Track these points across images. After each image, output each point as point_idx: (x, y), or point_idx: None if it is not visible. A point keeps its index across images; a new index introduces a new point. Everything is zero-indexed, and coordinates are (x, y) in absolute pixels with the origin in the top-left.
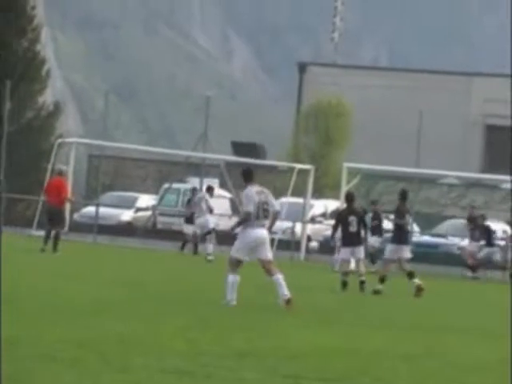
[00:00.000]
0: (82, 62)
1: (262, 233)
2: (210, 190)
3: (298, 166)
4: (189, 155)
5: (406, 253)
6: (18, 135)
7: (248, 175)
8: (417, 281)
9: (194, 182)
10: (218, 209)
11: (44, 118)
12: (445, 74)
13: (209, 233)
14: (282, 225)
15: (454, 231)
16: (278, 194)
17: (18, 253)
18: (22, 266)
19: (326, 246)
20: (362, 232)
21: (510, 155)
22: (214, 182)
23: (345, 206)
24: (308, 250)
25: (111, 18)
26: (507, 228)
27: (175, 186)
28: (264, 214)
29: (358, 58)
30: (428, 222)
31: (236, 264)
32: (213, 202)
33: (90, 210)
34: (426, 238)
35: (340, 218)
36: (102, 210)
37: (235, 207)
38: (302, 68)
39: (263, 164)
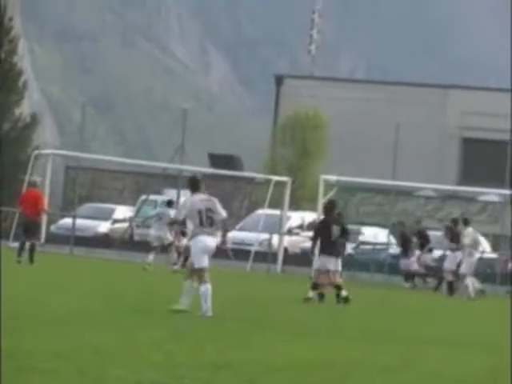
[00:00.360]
0: (59, 74)
1: (211, 240)
2: (170, 203)
3: (275, 177)
4: (166, 167)
5: (335, 264)
6: None
7: (194, 184)
8: (344, 292)
9: (171, 193)
10: None
11: (21, 129)
12: (421, 87)
13: (169, 245)
14: (258, 236)
15: (431, 243)
16: (255, 205)
17: None
18: None
19: (304, 258)
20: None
21: (486, 168)
22: None
23: (323, 215)
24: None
25: (89, 30)
26: (483, 240)
27: (152, 197)
28: (208, 221)
29: (335, 70)
30: None
31: (202, 273)
32: None
33: (67, 221)
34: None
35: (322, 227)
36: (79, 221)
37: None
38: (279, 80)
39: (240, 176)
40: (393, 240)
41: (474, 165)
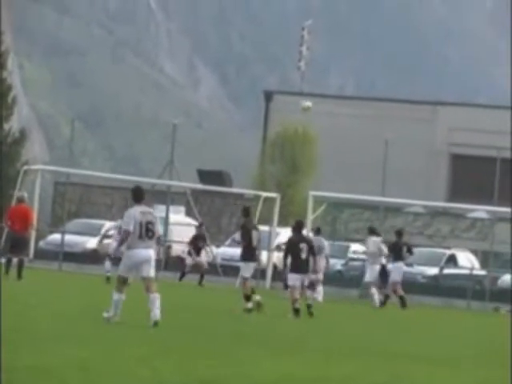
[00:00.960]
0: (48, 89)
1: (147, 253)
2: None
3: (264, 194)
4: (155, 183)
5: (252, 270)
6: None
7: (137, 195)
8: (256, 296)
9: (160, 209)
10: (185, 237)
11: (10, 144)
12: (410, 103)
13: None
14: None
15: (419, 260)
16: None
17: None
18: None
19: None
20: (312, 260)
21: (474, 184)
22: (180, 210)
23: (292, 234)
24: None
25: (78, 45)
26: (472, 256)
27: None
28: (147, 233)
29: (325, 86)
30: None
31: (122, 283)
32: (179, 229)
33: (56, 237)
34: (391, 267)
35: (291, 245)
36: (68, 237)
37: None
38: (269, 96)
39: (229, 192)
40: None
41: (462, 181)
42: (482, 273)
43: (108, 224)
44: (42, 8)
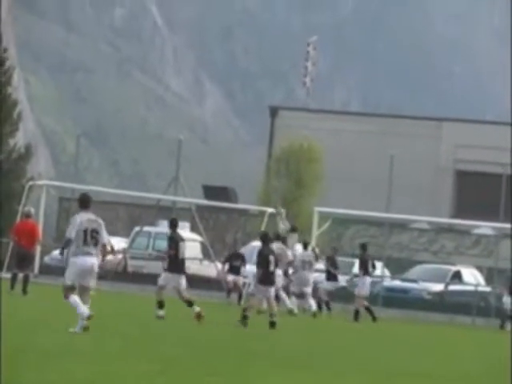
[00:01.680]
0: (54, 105)
1: (91, 260)
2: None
3: (269, 209)
4: (160, 198)
5: (182, 281)
6: None
7: (83, 202)
8: (196, 308)
9: (164, 225)
10: (189, 252)
11: (15, 160)
12: (415, 119)
13: None
14: (253, 269)
15: (424, 276)
16: (249, 237)
17: None
18: None
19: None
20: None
21: (480, 201)
22: (185, 226)
23: (261, 246)
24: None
25: (84, 61)
26: (477, 273)
27: (146, 229)
28: (93, 241)
29: (330, 102)
30: (399, 267)
31: (70, 290)
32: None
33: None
34: (397, 283)
35: (262, 257)
36: None
37: (206, 251)
38: (274, 112)
39: (234, 208)
40: (387, 272)
41: (467, 198)
42: (487, 289)
43: (113, 240)
44: (49, 24)
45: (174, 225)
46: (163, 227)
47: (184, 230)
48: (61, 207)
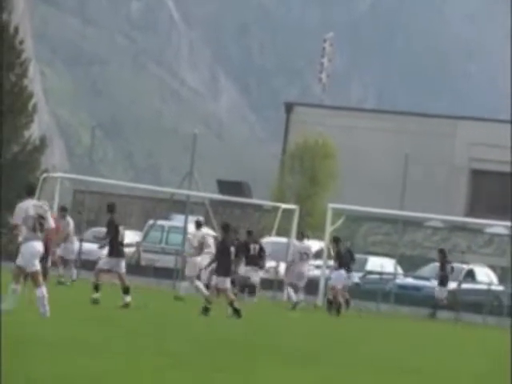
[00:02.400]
0: (69, 97)
1: (39, 245)
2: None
3: (283, 205)
4: (174, 192)
5: (122, 265)
6: (3, 169)
7: (30, 189)
8: (128, 298)
9: (178, 219)
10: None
11: (30, 152)
12: (431, 117)
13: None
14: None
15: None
16: (263, 233)
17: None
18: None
19: (309, 286)
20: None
21: (494, 199)
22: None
23: (222, 237)
24: None
25: (100, 54)
26: (490, 272)
27: (159, 222)
28: (40, 227)
29: (345, 99)
30: (411, 265)
31: (19, 274)
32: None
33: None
34: (409, 281)
35: (222, 248)
36: (86, 245)
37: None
38: (289, 108)
39: (248, 203)
40: (399, 270)
41: (481, 196)
42: (500, 288)
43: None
44: (65, 16)
45: (112, 209)
46: (177, 221)
47: None
48: (75, 200)
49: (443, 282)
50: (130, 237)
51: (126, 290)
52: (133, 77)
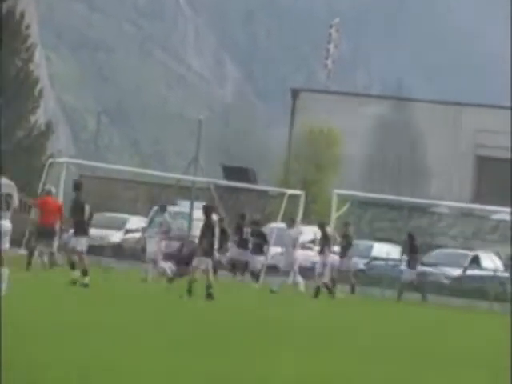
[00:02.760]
0: (74, 83)
1: (6, 224)
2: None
3: (289, 191)
4: (179, 178)
5: (82, 244)
6: (9, 154)
7: None
8: (76, 273)
9: (184, 205)
10: None
11: (35, 137)
12: (436, 104)
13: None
14: (271, 250)
15: (442, 261)
16: (269, 219)
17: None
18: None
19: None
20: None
21: (500, 186)
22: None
23: (205, 220)
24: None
25: (106, 39)
26: (495, 258)
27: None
28: (5, 205)
29: (351, 85)
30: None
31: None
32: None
33: None
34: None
35: (206, 229)
36: (92, 230)
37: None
38: (295, 94)
39: (254, 188)
40: (405, 256)
41: (487, 183)
42: (506, 275)
43: (132, 218)
44: (71, 2)
45: (78, 187)
46: (182, 207)
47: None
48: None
49: (412, 264)
50: (135, 222)
51: (84, 273)
52: (139, 63)
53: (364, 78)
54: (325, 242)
